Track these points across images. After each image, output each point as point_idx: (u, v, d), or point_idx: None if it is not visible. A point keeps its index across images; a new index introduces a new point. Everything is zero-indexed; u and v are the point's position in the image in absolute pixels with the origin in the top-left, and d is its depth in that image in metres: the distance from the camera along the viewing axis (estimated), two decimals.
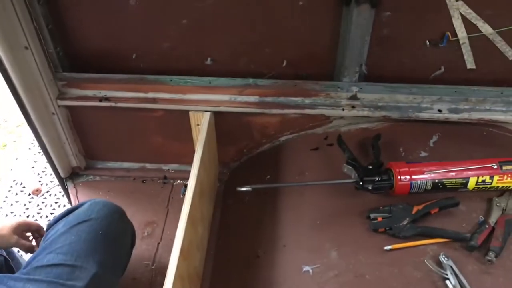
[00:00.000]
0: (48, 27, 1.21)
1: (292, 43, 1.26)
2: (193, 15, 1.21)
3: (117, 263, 1.18)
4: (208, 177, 1.32)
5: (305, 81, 1.29)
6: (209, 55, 1.29)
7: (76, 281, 1.04)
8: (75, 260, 1.07)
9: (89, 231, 1.12)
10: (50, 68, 1.27)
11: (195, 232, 1.16)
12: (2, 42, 1.12)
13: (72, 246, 1.09)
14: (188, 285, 1.10)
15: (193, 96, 1.31)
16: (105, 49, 1.30)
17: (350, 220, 1.19)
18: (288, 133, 1.42)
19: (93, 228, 1.13)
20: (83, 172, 1.56)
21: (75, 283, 1.03)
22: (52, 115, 1.35)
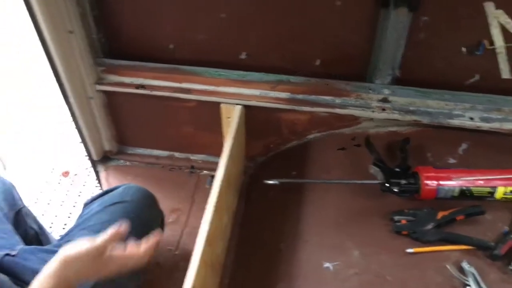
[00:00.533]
0: (93, 13, 1.26)
1: (327, 42, 1.28)
2: (231, 10, 1.24)
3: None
4: (235, 169, 1.34)
5: (337, 81, 1.30)
6: (244, 50, 1.32)
7: None
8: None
9: (122, 212, 1.16)
10: (91, 53, 1.31)
11: (220, 221, 1.19)
12: (48, 25, 1.17)
13: (105, 225, 1.13)
14: (210, 271, 1.13)
15: (226, 89, 1.33)
16: (144, 38, 1.34)
17: (373, 220, 1.19)
18: (316, 131, 1.43)
19: (126, 210, 1.17)
20: (114, 157, 1.60)
21: None
22: (90, 99, 1.40)
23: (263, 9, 1.23)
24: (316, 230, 1.24)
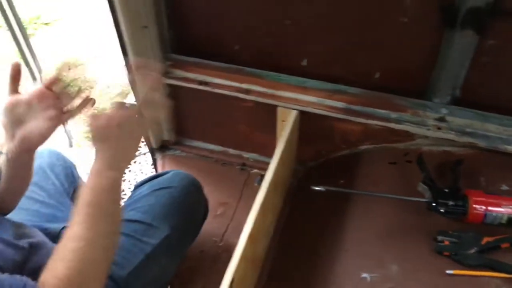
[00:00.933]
0: (167, 11, 1.34)
1: (388, 57, 1.29)
2: (297, 17, 1.28)
3: (188, 231, 1.28)
4: (284, 171, 1.38)
5: (395, 96, 1.31)
6: (306, 57, 1.35)
7: (149, 238, 1.15)
8: (151, 220, 1.18)
9: (168, 197, 1.23)
10: (161, 48, 1.39)
11: (264, 220, 1.23)
12: (126, 19, 1.26)
13: (151, 207, 1.21)
14: (250, 267, 1.18)
15: (284, 93, 1.37)
16: (211, 38, 1.41)
17: (416, 238, 1.20)
18: (368, 143, 1.44)
19: (172, 195, 1.24)
20: (172, 146, 1.69)
21: (149, 240, 1.14)
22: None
23: (328, 20, 1.26)
24: (357, 240, 1.26)
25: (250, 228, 1.09)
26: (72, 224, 0.83)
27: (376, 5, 1.19)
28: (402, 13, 1.17)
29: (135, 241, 1.15)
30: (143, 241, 1.14)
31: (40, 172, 1.34)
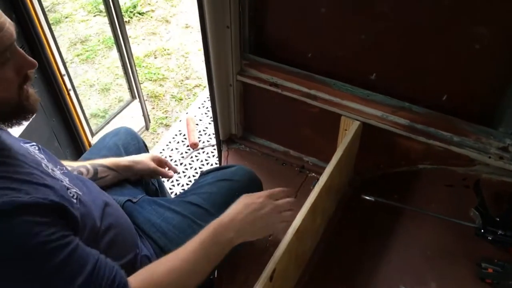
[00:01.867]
0: (249, 14, 1.43)
1: (458, 80, 1.30)
2: (372, 33, 1.32)
3: None
4: (340, 178, 1.43)
5: (459, 119, 1.32)
6: (375, 71, 1.39)
7: (204, 222, 1.20)
8: (210, 206, 1.28)
9: (229, 188, 1.32)
10: (240, 47, 1.49)
11: (313, 221, 1.29)
12: (211, 18, 1.37)
13: (212, 195, 1.31)
14: (293, 263, 1.24)
15: (349, 103, 1.42)
16: (287, 43, 1.48)
17: (460, 261, 1.21)
18: (428, 163, 1.46)
19: (233, 187, 1.33)
20: (238, 140, 1.79)
21: (203, 224, 1.19)
22: (229, 86, 1.59)
23: (402, 38, 1.29)
24: (401, 254, 1.28)
25: (297, 225, 1.15)
26: (183, 248, 1.00)
27: (450, 29, 1.21)
28: (476, 40, 1.19)
29: (191, 222, 1.25)
30: (198, 224, 1.25)
31: (114, 149, 1.49)
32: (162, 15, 3.64)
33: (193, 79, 3.08)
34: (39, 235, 0.78)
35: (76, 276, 0.82)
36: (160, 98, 2.95)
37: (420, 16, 1.23)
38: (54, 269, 0.80)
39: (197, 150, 2.49)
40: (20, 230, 0.76)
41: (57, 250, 0.80)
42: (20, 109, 0.86)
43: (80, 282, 0.82)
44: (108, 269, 0.88)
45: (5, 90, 0.82)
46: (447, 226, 1.28)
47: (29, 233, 0.77)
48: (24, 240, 0.76)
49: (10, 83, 0.82)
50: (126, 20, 3.53)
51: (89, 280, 0.83)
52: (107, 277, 0.86)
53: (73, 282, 0.81)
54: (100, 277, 0.85)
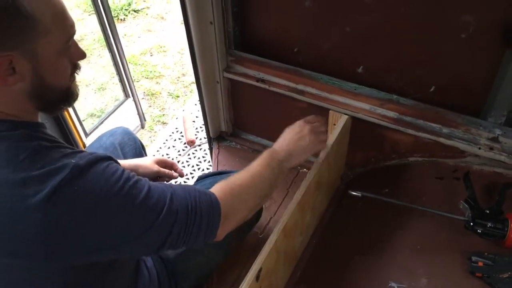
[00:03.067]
0: (233, 10, 1.41)
1: (445, 71, 1.28)
2: (356, 25, 1.30)
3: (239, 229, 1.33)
4: (330, 173, 1.42)
5: (448, 111, 1.30)
6: (362, 64, 1.37)
7: None
8: None
9: None
10: (225, 44, 1.47)
11: (302, 217, 1.28)
12: (194, 15, 1.35)
13: None
14: (283, 260, 1.23)
15: (337, 98, 1.40)
16: (272, 38, 1.47)
17: (450, 255, 1.19)
18: (418, 155, 1.44)
19: None
20: (228, 138, 1.78)
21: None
22: (216, 83, 1.57)
23: (387, 30, 1.27)
24: (392, 250, 1.27)
25: (285, 222, 1.14)
26: (246, 170, 1.09)
27: (435, 19, 1.19)
28: (462, 29, 1.16)
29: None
30: None
31: (111, 149, 1.48)
32: (157, 12, 3.62)
33: (189, 75, 3.06)
34: (124, 173, 0.86)
35: (162, 203, 0.87)
36: (157, 96, 2.94)
37: (404, 7, 1.21)
38: (141, 202, 0.85)
39: (194, 147, 2.49)
40: (112, 169, 0.85)
41: (140, 183, 0.87)
42: (69, 95, 0.91)
43: (167, 206, 0.88)
44: (184, 187, 0.96)
45: (63, 77, 0.87)
46: (437, 220, 1.26)
47: (114, 172, 0.85)
48: (113, 180, 0.83)
49: (66, 70, 0.87)
50: (122, 18, 3.52)
51: (172, 202, 0.89)
52: (188, 192, 0.93)
53: (160, 210, 0.87)
54: (180, 195, 0.91)
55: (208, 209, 0.94)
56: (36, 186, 0.76)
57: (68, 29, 0.83)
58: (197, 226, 0.92)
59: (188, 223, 0.90)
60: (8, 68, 0.77)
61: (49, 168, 0.78)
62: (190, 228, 0.91)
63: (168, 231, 0.88)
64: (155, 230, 0.86)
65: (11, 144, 0.80)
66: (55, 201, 0.76)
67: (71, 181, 0.78)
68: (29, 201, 0.76)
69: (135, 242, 0.85)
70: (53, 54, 0.81)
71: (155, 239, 0.87)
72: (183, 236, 0.90)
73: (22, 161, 0.78)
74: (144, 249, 0.90)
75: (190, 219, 0.90)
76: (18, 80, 0.80)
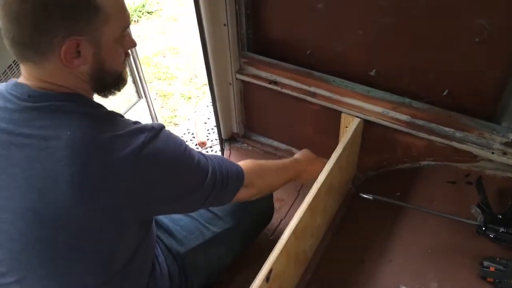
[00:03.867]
0: (246, 12, 1.42)
1: (459, 76, 1.27)
2: (369, 28, 1.30)
3: (249, 230, 1.36)
4: (341, 176, 1.41)
5: (461, 115, 1.29)
6: (375, 67, 1.37)
7: (212, 226, 1.26)
8: (218, 211, 1.28)
9: None
10: (238, 45, 1.48)
11: (313, 220, 1.28)
12: (207, 16, 1.36)
13: None
14: (293, 262, 1.23)
15: (349, 100, 1.40)
16: (286, 41, 1.47)
17: (461, 260, 1.19)
18: (431, 159, 1.43)
19: None
20: (240, 139, 1.78)
21: (211, 227, 1.25)
22: (229, 85, 1.58)
23: (401, 33, 1.27)
24: (402, 253, 1.27)
25: (295, 224, 1.14)
26: (283, 161, 1.29)
27: (449, 23, 1.18)
28: (476, 33, 1.16)
29: (199, 225, 1.25)
30: (205, 227, 1.25)
31: None
32: (170, 14, 3.65)
33: (201, 77, 3.07)
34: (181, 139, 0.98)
35: (208, 166, 1.00)
36: (169, 97, 2.96)
37: (418, 10, 1.21)
38: (197, 162, 0.98)
39: (205, 148, 2.49)
40: (173, 135, 0.96)
41: (191, 149, 0.99)
42: (120, 80, 0.98)
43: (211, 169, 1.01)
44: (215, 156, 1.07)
45: (118, 62, 0.94)
46: (448, 224, 1.25)
47: (176, 136, 0.97)
48: (178, 142, 0.96)
49: (121, 57, 0.94)
50: (135, 20, 3.55)
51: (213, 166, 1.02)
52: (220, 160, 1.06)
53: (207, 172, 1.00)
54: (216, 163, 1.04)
55: (235, 177, 1.07)
56: (123, 143, 0.85)
57: (126, 19, 0.90)
58: (224, 188, 1.04)
59: (222, 185, 1.03)
60: (74, 51, 0.83)
61: (130, 128, 0.88)
62: (223, 190, 1.04)
63: (210, 190, 1.00)
64: (204, 188, 0.99)
65: (88, 110, 0.88)
66: (142, 156, 0.86)
67: (152, 140, 0.88)
68: (119, 154, 0.84)
69: (190, 196, 0.98)
70: (112, 41, 0.88)
71: (202, 196, 1.00)
72: (216, 195, 1.03)
73: (103, 124, 0.87)
74: (192, 205, 1.04)
75: (224, 182, 1.03)
76: (81, 63, 0.86)
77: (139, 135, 0.88)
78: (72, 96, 0.89)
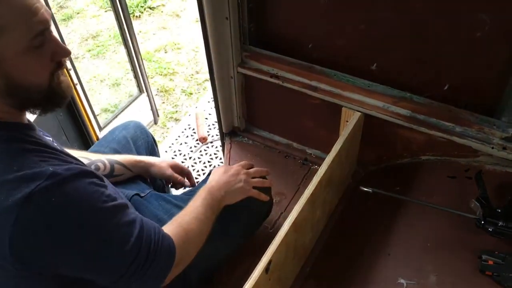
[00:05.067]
0: (249, 6, 1.42)
1: (460, 70, 1.28)
2: (371, 22, 1.30)
3: (248, 225, 1.36)
4: (341, 170, 1.42)
5: (461, 110, 1.29)
6: (376, 61, 1.37)
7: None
8: None
9: None
10: (240, 39, 1.48)
11: (312, 213, 1.28)
12: (210, 10, 1.36)
13: None
14: (292, 255, 1.24)
15: (350, 94, 1.41)
16: (287, 34, 1.48)
17: (460, 253, 1.19)
18: (431, 154, 1.44)
19: None
20: (240, 133, 1.79)
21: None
22: (230, 79, 1.59)
23: (403, 28, 1.27)
24: (401, 247, 1.27)
25: (295, 216, 1.15)
26: (196, 206, 1.12)
27: (450, 17, 1.19)
28: (477, 27, 1.16)
29: None
30: None
31: (124, 142, 1.49)
32: (172, 9, 3.65)
33: (203, 73, 3.08)
34: (103, 195, 0.85)
35: (131, 233, 0.88)
36: (170, 93, 2.96)
37: (419, 4, 1.21)
38: (114, 227, 0.86)
39: (206, 144, 2.50)
40: (89, 189, 0.83)
41: (115, 208, 0.87)
42: (52, 95, 0.88)
43: (134, 237, 0.88)
44: (150, 223, 0.95)
45: (36, 75, 0.83)
46: (447, 218, 1.26)
47: (96, 191, 0.84)
48: (92, 199, 0.83)
49: (42, 69, 0.84)
50: (137, 15, 3.55)
51: (141, 234, 0.90)
52: (153, 229, 0.94)
53: (129, 239, 0.87)
54: (147, 231, 0.92)
55: (166, 256, 0.95)
56: (9, 191, 0.76)
57: (34, 25, 0.79)
58: (151, 269, 0.91)
59: (145, 264, 0.90)
60: None
61: (24, 172, 0.77)
62: (146, 269, 0.90)
63: (130, 260, 0.88)
64: (122, 255, 0.86)
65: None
66: (28, 207, 0.75)
67: (46, 191, 0.77)
68: (2, 204, 0.75)
69: (97, 262, 0.85)
70: (16, 53, 0.79)
71: (118, 265, 0.87)
72: (138, 269, 0.89)
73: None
74: (105, 275, 0.89)
75: (150, 256, 0.91)
76: None
77: (29, 183, 0.76)
78: None
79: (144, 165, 1.41)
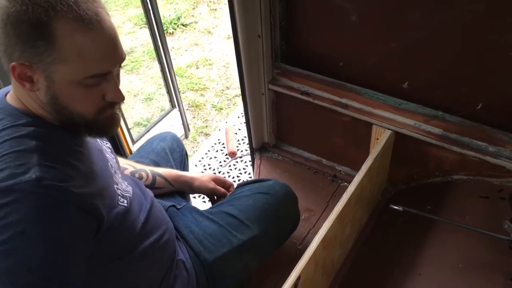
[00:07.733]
0: (281, 24, 1.45)
1: (493, 89, 1.27)
2: (403, 41, 1.31)
3: (275, 237, 1.37)
4: (371, 188, 1.42)
5: (495, 129, 1.28)
6: (408, 80, 1.37)
7: (239, 233, 1.27)
8: (245, 218, 1.29)
9: (265, 202, 1.33)
10: (272, 56, 1.51)
11: (342, 230, 1.28)
12: (243, 28, 1.40)
13: (248, 207, 1.32)
14: (321, 272, 1.24)
15: (381, 112, 1.41)
16: (318, 52, 1.49)
17: (492, 275, 1.16)
18: (463, 173, 1.42)
19: (269, 201, 1.33)
20: (270, 149, 1.80)
21: (238, 235, 1.26)
22: (261, 95, 1.61)
23: (434, 46, 1.27)
24: (432, 267, 1.25)
25: (324, 233, 1.15)
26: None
27: (483, 36, 1.18)
28: (510, 47, 1.15)
29: (226, 232, 1.28)
30: (232, 234, 1.27)
31: (162, 154, 1.53)
32: (204, 26, 3.72)
33: (233, 88, 3.12)
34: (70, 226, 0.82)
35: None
36: (201, 108, 3.01)
37: (452, 23, 1.21)
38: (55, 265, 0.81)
39: (235, 159, 2.52)
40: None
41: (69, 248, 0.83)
42: (95, 127, 0.91)
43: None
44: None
45: (82, 107, 0.88)
46: (480, 239, 1.23)
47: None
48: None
49: (89, 103, 0.88)
50: (170, 32, 3.64)
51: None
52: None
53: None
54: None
55: None
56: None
57: (91, 67, 0.83)
58: None
59: None
60: (26, 75, 0.83)
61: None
62: None
63: None
64: None
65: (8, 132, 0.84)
66: None
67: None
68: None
69: None
70: (67, 82, 0.84)
71: None
72: None
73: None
74: None
75: None
76: (34, 89, 0.84)
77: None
78: (26, 115, 0.87)
79: (185, 179, 1.44)
